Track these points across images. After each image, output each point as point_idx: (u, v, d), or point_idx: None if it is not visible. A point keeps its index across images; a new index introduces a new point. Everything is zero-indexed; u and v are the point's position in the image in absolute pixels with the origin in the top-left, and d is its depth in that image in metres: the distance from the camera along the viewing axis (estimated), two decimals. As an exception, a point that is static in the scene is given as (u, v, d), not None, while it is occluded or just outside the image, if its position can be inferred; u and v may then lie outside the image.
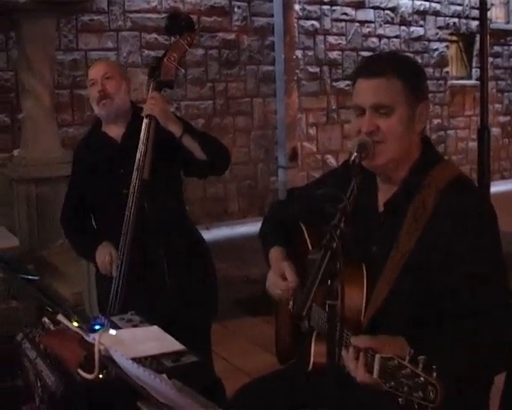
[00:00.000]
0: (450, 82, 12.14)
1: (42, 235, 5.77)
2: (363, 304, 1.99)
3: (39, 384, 1.85)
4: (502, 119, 12.89)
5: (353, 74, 2.07)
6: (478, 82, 12.48)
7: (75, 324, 2.16)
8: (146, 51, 8.49)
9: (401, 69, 1.98)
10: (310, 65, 10.23)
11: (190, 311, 3.14)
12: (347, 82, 10.66)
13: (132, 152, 3.12)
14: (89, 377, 1.50)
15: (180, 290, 3.12)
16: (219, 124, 9.28)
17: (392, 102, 1.95)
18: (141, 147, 3.07)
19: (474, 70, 12.59)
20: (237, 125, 9.54)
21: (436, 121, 12.00)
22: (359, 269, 2.02)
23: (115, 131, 3.27)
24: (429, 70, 11.76)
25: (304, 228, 2.32)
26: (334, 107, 10.62)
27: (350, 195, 1.77)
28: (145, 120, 3.10)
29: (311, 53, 10.23)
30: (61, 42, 7.88)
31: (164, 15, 8.61)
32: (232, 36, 9.29)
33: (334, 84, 10.56)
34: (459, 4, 12.10)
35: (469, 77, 12.63)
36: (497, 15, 12.66)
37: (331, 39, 10.43)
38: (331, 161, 10.70)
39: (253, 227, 9.69)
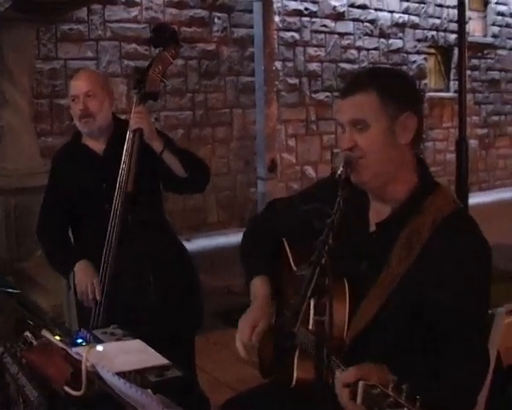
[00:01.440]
0: (428, 94, 12.22)
1: (20, 246, 5.69)
2: (346, 321, 1.97)
3: (21, 400, 1.82)
4: (479, 131, 13.01)
5: (340, 92, 2.07)
6: (456, 94, 12.60)
7: (57, 337, 2.14)
8: (126, 61, 8.46)
9: (377, 81, 1.95)
10: (289, 76, 10.27)
11: (175, 324, 3.10)
12: (327, 93, 10.72)
13: (115, 166, 3.08)
14: (76, 394, 1.47)
15: (165, 304, 3.08)
16: (199, 134, 9.26)
17: (366, 116, 1.92)
18: (124, 160, 3.04)
19: (451, 82, 12.69)
20: (217, 136, 9.53)
21: (414, 133, 12.06)
22: (341, 285, 2.00)
23: (96, 145, 3.23)
24: (408, 82, 11.84)
25: (286, 243, 2.29)
26: (313, 118, 10.65)
27: (337, 210, 1.75)
28: (130, 134, 3.07)
29: (290, 64, 10.26)
30: (41, 51, 7.83)
31: (144, 25, 8.61)
32: (212, 47, 9.29)
33: (314, 95, 10.60)
34: (437, 17, 12.22)
35: (447, 89, 12.74)
36: (474, 29, 12.78)
37: (311, 51, 10.47)
38: (310, 172, 10.72)
39: (232, 238, 9.67)
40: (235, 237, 9.66)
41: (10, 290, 2.09)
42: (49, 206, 3.32)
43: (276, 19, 9.91)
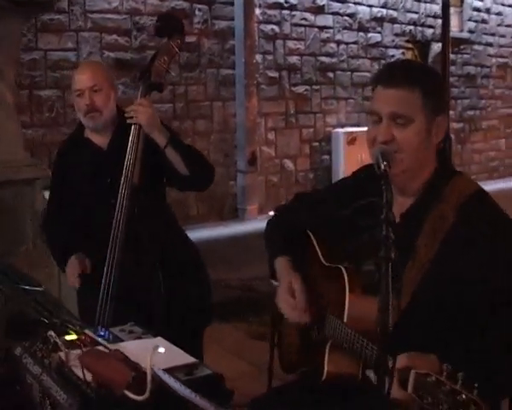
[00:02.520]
0: (405, 88, 12.26)
1: (4, 240, 5.59)
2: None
3: (48, 402, 1.77)
4: (455, 125, 13.07)
5: (373, 80, 2.04)
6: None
7: (74, 336, 2.09)
8: (106, 52, 8.34)
9: (422, 80, 1.96)
10: (269, 69, 10.22)
11: (185, 319, 3.05)
12: (306, 87, 10.70)
13: (119, 160, 3.03)
14: (139, 398, 1.42)
15: (175, 299, 3.02)
16: (179, 127, 9.16)
17: (410, 113, 1.93)
18: (130, 152, 2.98)
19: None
20: (197, 129, 9.46)
21: (392, 127, 12.11)
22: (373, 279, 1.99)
23: (100, 139, 3.17)
24: (386, 76, 11.87)
25: (312, 237, 2.28)
26: (292, 111, 10.63)
27: (387, 203, 1.72)
28: (134, 126, 3.01)
29: (270, 57, 10.22)
30: (20, 41, 7.68)
31: (124, 16, 8.51)
32: (193, 39, 9.20)
33: (293, 88, 10.57)
34: (415, 12, 12.27)
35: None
36: (452, 23, 12.81)
37: (290, 44, 10.44)
38: (289, 165, 10.71)
39: (213, 232, 9.62)
40: (215, 231, 9.64)
41: (34, 288, 2.02)
42: (54, 201, 3.27)
43: (257, 11, 9.85)
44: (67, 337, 2.03)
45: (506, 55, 14.18)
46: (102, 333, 2.13)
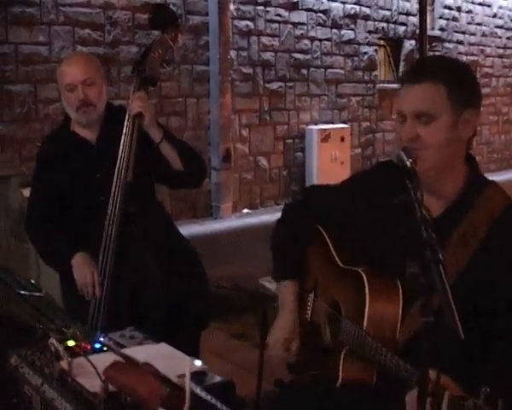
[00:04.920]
0: (378, 85, 12.28)
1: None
2: (398, 321, 1.89)
3: (51, 414, 1.66)
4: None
5: (401, 78, 1.97)
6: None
7: (72, 342, 1.98)
8: (79, 47, 8.16)
9: (447, 74, 1.88)
10: (243, 65, 10.12)
11: (183, 321, 2.93)
12: (280, 83, 10.63)
13: (109, 155, 2.91)
14: None
15: (173, 299, 2.89)
16: (153, 124, 9.04)
17: (433, 110, 1.86)
18: (123, 149, 2.86)
19: (401, 74, 12.77)
20: (171, 126, 9.30)
21: (365, 124, 12.13)
22: (394, 285, 1.91)
23: (88, 133, 3.04)
24: (359, 73, 11.88)
25: (325, 234, 2.20)
26: (266, 108, 10.54)
27: (418, 203, 1.62)
28: (129, 120, 2.89)
29: (244, 53, 10.12)
30: (-10, 34, 7.50)
31: (97, 10, 8.35)
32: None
33: (267, 85, 10.49)
34: (388, 9, 12.26)
35: (397, 81, 12.80)
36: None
37: (265, 40, 10.35)
38: (263, 162, 10.63)
39: (185, 230, 9.50)
40: (187, 229, 9.51)
41: (33, 294, 1.90)
42: (38, 199, 3.11)
43: (231, 7, 9.74)
44: (67, 344, 1.92)
45: (476, 52, 14.27)
46: (102, 339, 2.02)
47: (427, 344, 1.40)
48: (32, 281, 2.12)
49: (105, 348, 2.00)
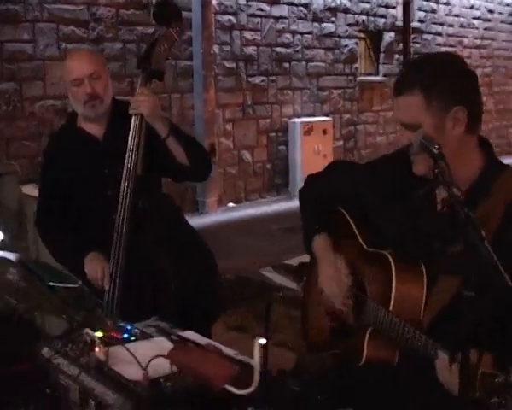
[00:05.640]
0: (359, 78, 12.37)
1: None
2: (423, 303, 1.96)
3: (93, 403, 1.70)
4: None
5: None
6: (385, 78, 12.84)
7: (99, 333, 2.02)
8: (63, 44, 8.14)
9: (423, 81, 1.94)
10: (226, 60, 10.15)
11: (195, 313, 2.96)
12: (262, 77, 10.68)
13: (116, 150, 2.94)
14: (243, 392, 1.36)
15: (185, 293, 2.93)
16: (137, 120, 9.03)
17: (414, 119, 1.94)
18: (132, 143, 2.89)
19: (381, 66, 12.88)
20: (155, 121, 9.32)
21: (346, 116, 12.22)
22: (418, 268, 1.99)
23: (95, 129, 3.07)
24: (340, 66, 11.96)
25: (348, 216, 2.26)
26: (249, 102, 10.59)
27: (448, 185, 1.69)
28: (135, 116, 2.93)
29: (227, 48, 10.15)
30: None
31: (81, 7, 8.32)
32: (150, 30, 9.04)
33: (250, 79, 10.53)
34: (367, 2, 12.35)
35: (377, 73, 12.92)
36: (401, 14, 12.96)
37: (247, 35, 10.39)
38: (247, 156, 10.68)
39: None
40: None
41: (62, 285, 1.94)
42: (47, 197, 3.15)
43: (214, 2, 9.76)
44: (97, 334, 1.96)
45: (454, 43, 14.42)
46: (129, 329, 2.07)
47: (468, 318, 1.46)
48: (67, 273, 2.15)
49: (128, 337, 2.05)
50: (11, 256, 1.95)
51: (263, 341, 1.37)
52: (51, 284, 1.94)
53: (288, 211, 10.47)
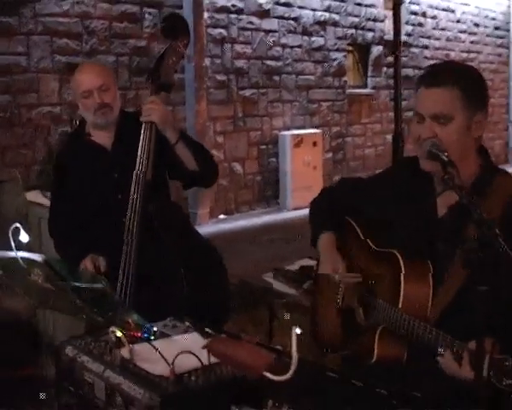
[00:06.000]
0: (347, 91, 12.50)
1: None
2: (430, 300, 2.05)
3: (120, 398, 1.75)
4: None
5: (417, 82, 2.16)
6: (373, 91, 12.99)
7: (119, 333, 2.08)
8: (57, 56, 8.20)
9: (461, 79, 2.08)
10: (217, 73, 10.24)
11: (207, 315, 3.01)
12: (253, 90, 10.77)
13: (125, 158, 3.02)
14: (281, 378, 1.43)
15: (198, 296, 2.98)
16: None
17: (450, 112, 2.06)
18: (143, 149, 2.97)
19: (369, 79, 13.03)
20: (148, 133, 9.37)
21: (335, 129, 12.33)
22: (425, 266, 2.07)
23: (103, 138, 3.15)
24: (329, 79, 12.08)
25: (355, 224, 2.36)
26: (240, 115, 10.67)
27: (459, 188, 1.79)
28: (145, 125, 3.00)
29: (218, 61, 10.24)
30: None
31: (75, 20, 8.38)
32: (143, 43, 9.15)
33: (241, 92, 10.62)
34: (356, 16, 12.50)
35: (365, 86, 13.06)
36: (389, 27, 13.12)
37: (238, 48, 10.49)
38: (238, 168, 10.75)
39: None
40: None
41: (85, 285, 2.00)
42: (61, 206, 3.22)
43: (205, 15, 9.86)
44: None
45: (441, 56, 14.58)
46: (148, 328, 2.12)
47: (483, 310, 1.55)
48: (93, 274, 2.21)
49: (148, 337, 2.11)
50: (37, 257, 2.00)
51: (299, 330, 1.45)
52: (75, 284, 2.00)
53: (278, 222, 10.57)
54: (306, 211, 2.64)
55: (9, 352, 3.57)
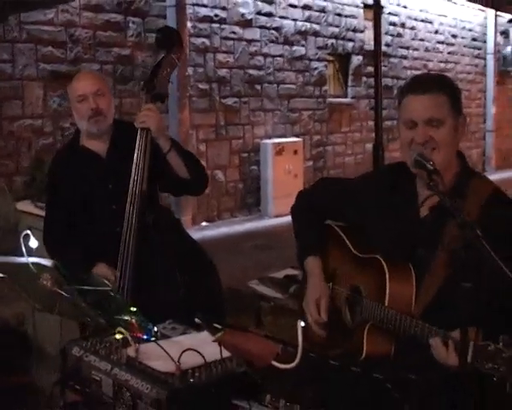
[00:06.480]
0: (328, 100, 12.66)
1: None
2: (413, 299, 2.19)
3: (128, 394, 1.84)
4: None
5: (401, 91, 2.31)
6: (353, 100, 13.17)
7: (119, 335, 2.16)
8: (42, 64, 8.26)
9: (445, 86, 2.25)
10: (200, 82, 10.35)
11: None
12: (235, 99, 10.89)
13: (119, 167, 3.09)
14: (288, 366, 1.54)
15: (193, 300, 3.07)
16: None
17: (442, 116, 2.20)
18: (138, 158, 3.04)
19: (349, 89, 13.20)
20: (131, 141, 9.44)
21: (316, 137, 12.48)
22: (407, 268, 2.22)
23: (98, 146, 3.21)
24: (310, 88, 12.24)
25: (337, 228, 2.49)
26: (222, 123, 10.79)
27: (443, 196, 1.93)
28: (140, 133, 3.08)
29: (201, 70, 10.35)
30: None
31: (59, 28, 8.44)
32: (127, 51, 9.23)
33: (223, 101, 10.74)
34: (336, 26, 12.67)
35: (345, 95, 13.23)
36: (369, 38, 13.31)
37: (220, 57, 10.60)
38: (220, 176, 10.85)
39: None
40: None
41: (90, 288, 2.08)
42: (55, 214, 3.27)
43: (188, 25, 9.97)
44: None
45: (419, 66, 14.83)
46: (149, 329, 2.21)
47: (468, 305, 1.72)
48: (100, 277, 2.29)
49: (148, 338, 2.20)
50: (46, 262, 2.08)
51: (303, 323, 1.55)
52: (81, 287, 2.08)
53: (260, 229, 10.68)
54: (288, 218, 2.71)
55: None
